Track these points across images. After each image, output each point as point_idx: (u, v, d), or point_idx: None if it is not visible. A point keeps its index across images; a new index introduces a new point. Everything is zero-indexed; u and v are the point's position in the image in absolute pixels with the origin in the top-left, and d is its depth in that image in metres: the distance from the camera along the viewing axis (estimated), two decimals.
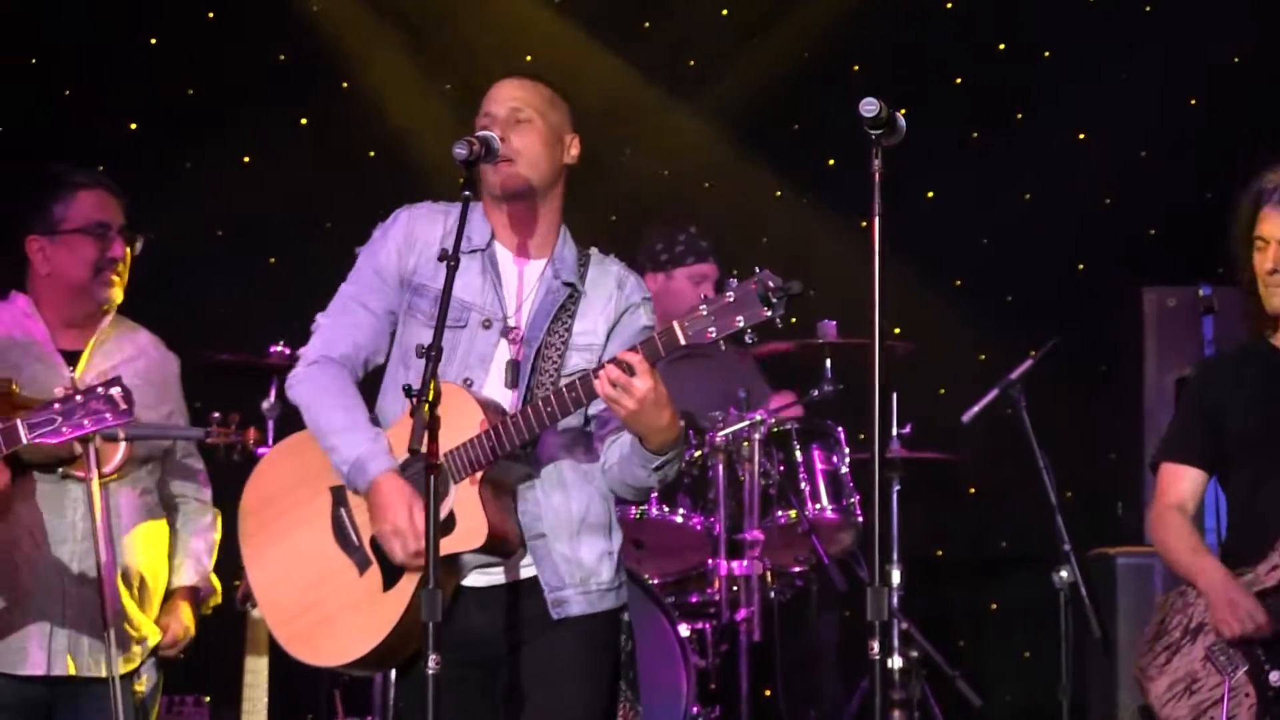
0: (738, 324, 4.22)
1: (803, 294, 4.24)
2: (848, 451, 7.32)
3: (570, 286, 4.57)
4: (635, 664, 4.66)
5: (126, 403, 4.81)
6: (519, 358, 4.52)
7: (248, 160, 8.30)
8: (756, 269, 4.23)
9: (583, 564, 4.52)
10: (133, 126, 8.24)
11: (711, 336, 4.23)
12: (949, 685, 7.42)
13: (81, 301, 5.41)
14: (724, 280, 4.27)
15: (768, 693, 7.34)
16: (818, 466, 7.24)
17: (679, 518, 7.06)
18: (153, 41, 8.28)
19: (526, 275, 4.59)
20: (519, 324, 4.55)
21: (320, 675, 6.73)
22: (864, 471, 7.28)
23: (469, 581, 4.50)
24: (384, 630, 4.44)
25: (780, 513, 7.13)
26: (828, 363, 7.37)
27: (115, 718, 5.15)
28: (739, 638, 7.00)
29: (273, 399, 6.50)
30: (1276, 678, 5.10)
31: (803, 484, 7.19)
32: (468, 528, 4.39)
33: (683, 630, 6.85)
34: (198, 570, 5.54)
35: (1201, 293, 6.95)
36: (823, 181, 8.48)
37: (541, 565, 4.50)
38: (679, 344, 4.27)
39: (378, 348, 4.61)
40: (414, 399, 4.18)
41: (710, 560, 7.07)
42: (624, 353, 4.30)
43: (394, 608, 4.43)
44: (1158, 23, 8.52)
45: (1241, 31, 8.37)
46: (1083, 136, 8.69)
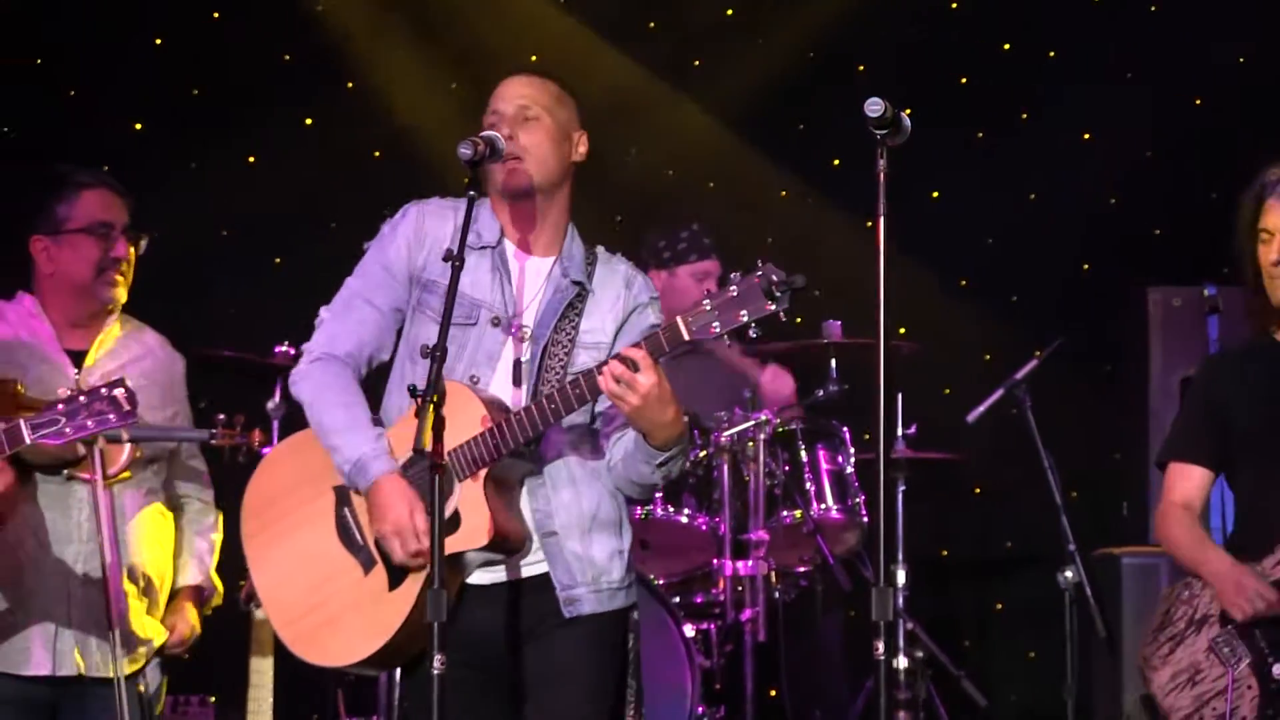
0: (742, 318, 4.20)
1: (807, 294, 4.23)
2: (853, 451, 7.32)
3: (578, 285, 4.56)
4: (640, 663, 4.65)
5: (130, 404, 4.79)
6: (526, 356, 4.51)
7: (253, 160, 8.30)
8: (760, 262, 4.20)
9: (594, 562, 4.51)
10: (138, 126, 8.24)
11: (716, 332, 4.22)
12: (954, 685, 7.42)
13: (85, 301, 5.40)
14: (727, 276, 4.24)
15: (773, 693, 7.34)
16: (823, 466, 7.24)
17: (684, 518, 7.06)
18: (158, 41, 8.28)
19: (535, 273, 4.58)
20: (527, 322, 4.54)
21: (326, 675, 6.72)
22: (869, 471, 7.28)
23: (473, 579, 4.48)
24: (389, 630, 4.43)
25: (785, 513, 7.13)
26: (833, 363, 7.37)
27: (120, 718, 5.15)
28: (744, 638, 6.99)
29: (278, 399, 6.49)
30: None
31: (808, 484, 7.19)
32: (472, 526, 4.37)
33: (688, 630, 6.84)
34: (201, 570, 5.54)
35: (1206, 293, 6.92)
36: (828, 181, 8.48)
37: (553, 563, 4.49)
38: (683, 340, 4.25)
39: (382, 345, 4.60)
40: (419, 399, 4.17)
41: (715, 560, 7.06)
42: (628, 349, 4.29)
43: (399, 608, 4.42)
44: (1162, 23, 8.51)
45: (1246, 31, 8.36)
46: (1088, 136, 8.68)
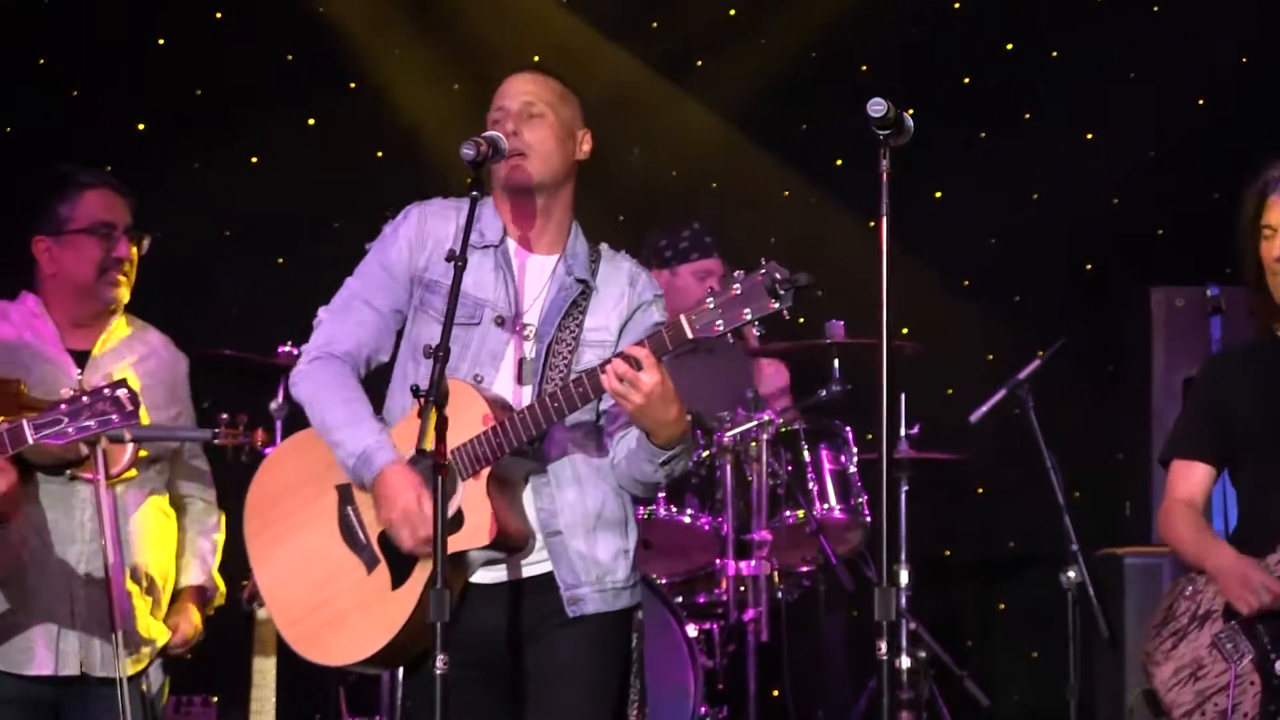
0: (745, 316, 4.19)
1: (810, 294, 4.22)
2: (855, 451, 7.32)
3: (583, 283, 4.56)
4: (644, 663, 4.65)
5: (132, 404, 4.79)
6: (530, 354, 4.51)
7: (255, 160, 8.30)
8: (763, 260, 4.19)
9: (599, 562, 4.51)
10: (140, 127, 8.23)
11: (719, 330, 4.21)
12: (957, 685, 7.42)
13: (88, 301, 5.40)
14: (729, 275, 4.23)
15: (775, 693, 7.34)
16: (825, 466, 7.23)
17: (687, 518, 7.05)
18: (160, 42, 8.28)
19: (539, 271, 4.58)
20: (530, 320, 4.54)
21: (328, 675, 6.72)
22: (872, 471, 7.26)
23: (476, 578, 4.48)
24: (393, 629, 4.43)
25: (788, 513, 7.12)
26: (835, 363, 7.35)
27: (123, 718, 5.15)
28: (747, 638, 6.98)
29: (280, 399, 6.49)
30: None
31: (810, 484, 7.18)
32: (475, 525, 4.37)
33: (690, 630, 6.83)
34: (204, 570, 5.54)
35: (1209, 293, 6.92)
36: (830, 181, 8.47)
37: (558, 563, 4.48)
38: (686, 338, 4.25)
39: (380, 346, 4.59)
40: (421, 399, 4.17)
41: (718, 560, 7.05)
42: (631, 347, 4.28)
43: (403, 606, 4.42)
44: (1165, 22, 8.51)
45: (1249, 31, 8.36)
46: (1090, 136, 8.68)
